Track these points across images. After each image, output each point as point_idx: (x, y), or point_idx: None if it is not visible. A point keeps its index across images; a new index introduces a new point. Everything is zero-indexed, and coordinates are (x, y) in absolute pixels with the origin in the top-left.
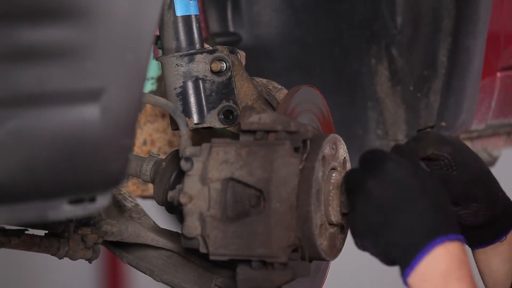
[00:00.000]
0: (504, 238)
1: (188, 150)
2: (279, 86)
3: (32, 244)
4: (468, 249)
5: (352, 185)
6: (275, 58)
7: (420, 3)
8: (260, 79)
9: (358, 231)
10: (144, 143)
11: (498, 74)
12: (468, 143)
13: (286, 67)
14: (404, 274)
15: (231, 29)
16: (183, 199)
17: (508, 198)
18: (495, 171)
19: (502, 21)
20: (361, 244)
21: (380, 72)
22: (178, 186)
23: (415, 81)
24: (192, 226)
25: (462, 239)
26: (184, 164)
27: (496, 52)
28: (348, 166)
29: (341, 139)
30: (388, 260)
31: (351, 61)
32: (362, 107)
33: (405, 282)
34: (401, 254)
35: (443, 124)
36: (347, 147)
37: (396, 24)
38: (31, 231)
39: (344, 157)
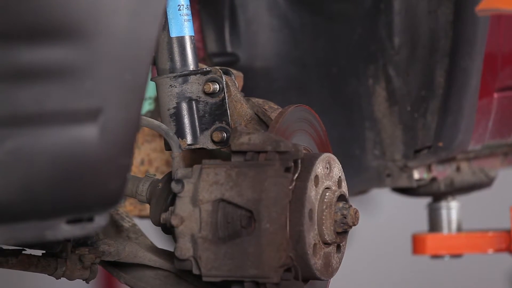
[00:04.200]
0: None
1: (180, 172)
2: (275, 106)
3: (30, 264)
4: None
5: None
6: (272, 78)
7: (417, 23)
8: (257, 99)
9: None
10: (142, 163)
11: (495, 95)
12: (465, 164)
13: (283, 87)
14: None
15: (229, 49)
16: (174, 221)
17: None
18: (492, 191)
19: (499, 42)
20: None
21: (377, 92)
22: (170, 208)
23: (412, 102)
24: (184, 248)
25: None
26: (175, 186)
27: (493, 73)
28: (344, 185)
29: (335, 158)
30: None
31: (349, 81)
32: (360, 127)
33: None
34: None
35: (441, 144)
36: (344, 167)
37: (393, 45)
38: (28, 251)
39: (339, 177)
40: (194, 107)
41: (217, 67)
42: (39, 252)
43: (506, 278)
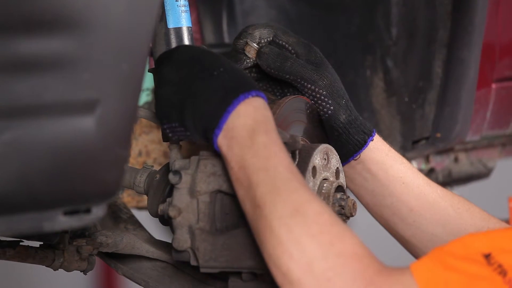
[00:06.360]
0: (358, 156)
1: (177, 163)
2: (273, 97)
3: (27, 255)
4: None
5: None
6: None
7: (416, 14)
8: None
9: (165, 114)
10: (140, 154)
11: (493, 86)
12: (463, 154)
13: None
14: (214, 136)
15: (227, 40)
16: (172, 212)
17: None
18: (490, 182)
19: (497, 32)
20: (170, 127)
21: (375, 83)
22: (168, 199)
23: (410, 92)
24: (182, 239)
25: (263, 96)
26: (172, 177)
27: (491, 64)
28: (341, 176)
29: (333, 149)
30: (200, 132)
31: (346, 72)
32: None
33: (215, 144)
34: (208, 119)
35: (438, 135)
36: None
37: (391, 35)
38: (26, 243)
39: (337, 168)
40: None
41: None
42: (36, 244)
43: None
